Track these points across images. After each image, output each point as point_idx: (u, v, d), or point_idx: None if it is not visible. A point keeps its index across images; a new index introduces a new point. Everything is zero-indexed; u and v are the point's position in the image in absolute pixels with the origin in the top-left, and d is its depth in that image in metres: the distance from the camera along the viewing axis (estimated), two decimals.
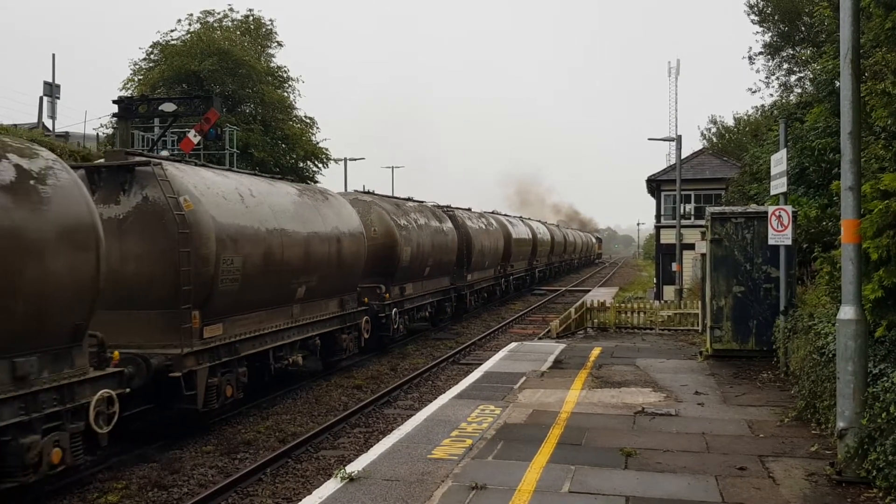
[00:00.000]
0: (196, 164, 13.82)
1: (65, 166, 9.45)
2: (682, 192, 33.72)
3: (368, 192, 22.95)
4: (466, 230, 29.23)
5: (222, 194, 12.87)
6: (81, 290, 9.16)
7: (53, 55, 33.76)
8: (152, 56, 37.83)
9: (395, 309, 20.94)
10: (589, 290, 44.95)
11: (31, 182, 8.67)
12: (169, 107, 26.31)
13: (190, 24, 38.72)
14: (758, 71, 55.32)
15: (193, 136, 26.76)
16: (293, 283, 14.83)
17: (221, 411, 12.85)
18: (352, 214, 18.40)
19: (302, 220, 15.27)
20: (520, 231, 42.08)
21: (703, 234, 18.39)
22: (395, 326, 20.98)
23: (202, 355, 11.94)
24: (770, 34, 36.15)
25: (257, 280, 13.28)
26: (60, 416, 8.89)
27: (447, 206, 30.23)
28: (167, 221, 11.65)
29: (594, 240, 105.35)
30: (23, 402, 8.36)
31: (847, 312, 7.60)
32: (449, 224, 27.41)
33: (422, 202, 27.17)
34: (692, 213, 39.34)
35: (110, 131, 34.53)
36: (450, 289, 27.13)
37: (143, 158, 12.25)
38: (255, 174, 16.72)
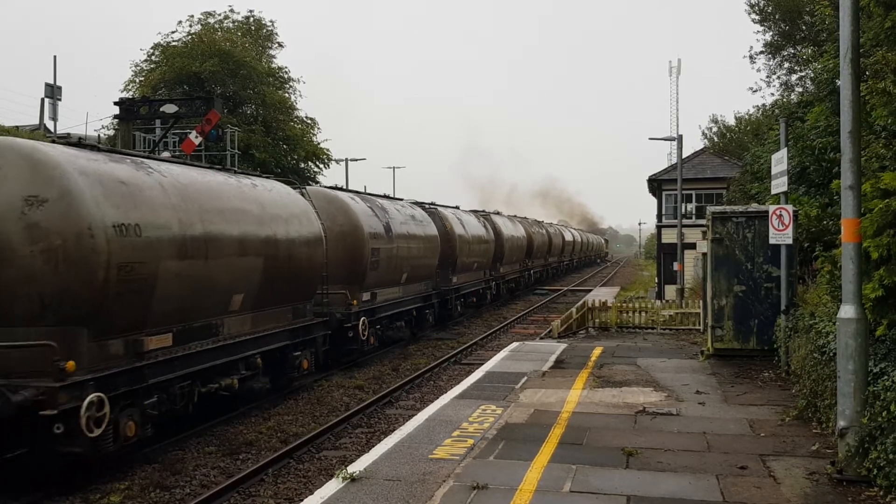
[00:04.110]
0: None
1: None
2: (684, 192, 33.73)
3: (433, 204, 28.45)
4: (500, 231, 35.55)
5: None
6: None
7: (55, 57, 33.92)
8: (153, 57, 37.88)
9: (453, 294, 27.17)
10: (590, 290, 44.95)
11: None
12: (170, 108, 26.31)
13: (191, 26, 38.82)
14: (759, 70, 55.57)
15: (195, 138, 26.78)
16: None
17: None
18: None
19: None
20: (565, 234, 61.14)
21: (705, 233, 18.38)
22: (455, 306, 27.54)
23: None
24: (771, 33, 36.17)
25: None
26: None
27: (486, 211, 38.41)
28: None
29: (603, 240, 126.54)
30: None
31: (847, 311, 7.60)
32: (491, 232, 33.63)
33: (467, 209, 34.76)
34: (693, 212, 39.35)
35: (112, 132, 34.58)
36: (489, 279, 33.93)
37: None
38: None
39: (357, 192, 21.35)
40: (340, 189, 20.88)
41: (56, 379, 8.98)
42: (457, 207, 32.19)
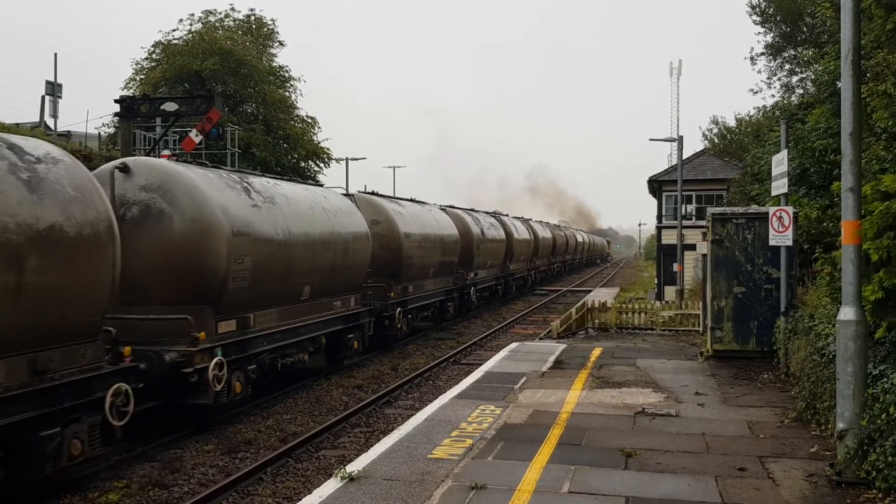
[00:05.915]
0: (384, 196, 23.94)
1: None
2: (684, 193, 33.71)
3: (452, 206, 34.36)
4: (537, 233, 45.89)
5: (398, 210, 22.08)
6: None
7: (56, 54, 33.75)
8: (154, 55, 37.83)
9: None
10: (590, 291, 44.95)
11: None
12: (171, 106, 26.26)
13: (192, 24, 38.78)
14: (759, 72, 55.74)
15: (195, 136, 26.73)
16: (427, 266, 24.12)
17: (402, 338, 22.19)
18: (450, 224, 27.79)
19: (430, 225, 25.02)
20: (577, 236, 75.06)
21: (705, 234, 18.38)
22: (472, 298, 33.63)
23: (398, 304, 21.84)
24: (772, 35, 36.16)
25: (415, 263, 22.94)
26: None
27: (525, 217, 48.09)
28: (372, 228, 19.44)
29: (605, 242, 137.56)
30: None
31: (847, 313, 7.59)
32: (531, 234, 43.74)
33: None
34: (693, 213, 39.36)
35: (112, 130, 34.56)
36: (529, 269, 44.19)
37: None
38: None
39: (464, 209, 32.17)
40: (457, 208, 31.41)
41: (385, 303, 20.42)
42: (506, 215, 41.05)
